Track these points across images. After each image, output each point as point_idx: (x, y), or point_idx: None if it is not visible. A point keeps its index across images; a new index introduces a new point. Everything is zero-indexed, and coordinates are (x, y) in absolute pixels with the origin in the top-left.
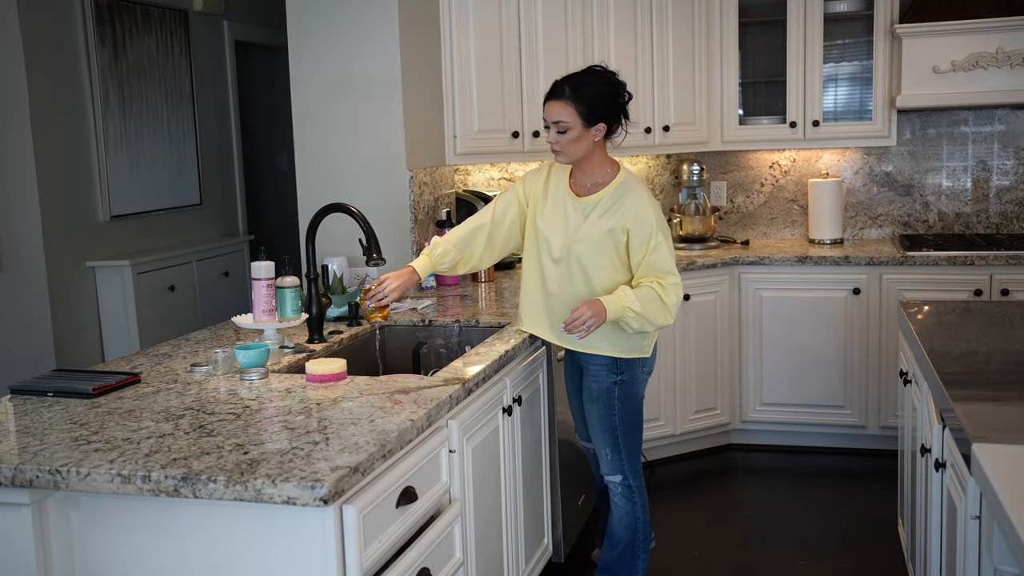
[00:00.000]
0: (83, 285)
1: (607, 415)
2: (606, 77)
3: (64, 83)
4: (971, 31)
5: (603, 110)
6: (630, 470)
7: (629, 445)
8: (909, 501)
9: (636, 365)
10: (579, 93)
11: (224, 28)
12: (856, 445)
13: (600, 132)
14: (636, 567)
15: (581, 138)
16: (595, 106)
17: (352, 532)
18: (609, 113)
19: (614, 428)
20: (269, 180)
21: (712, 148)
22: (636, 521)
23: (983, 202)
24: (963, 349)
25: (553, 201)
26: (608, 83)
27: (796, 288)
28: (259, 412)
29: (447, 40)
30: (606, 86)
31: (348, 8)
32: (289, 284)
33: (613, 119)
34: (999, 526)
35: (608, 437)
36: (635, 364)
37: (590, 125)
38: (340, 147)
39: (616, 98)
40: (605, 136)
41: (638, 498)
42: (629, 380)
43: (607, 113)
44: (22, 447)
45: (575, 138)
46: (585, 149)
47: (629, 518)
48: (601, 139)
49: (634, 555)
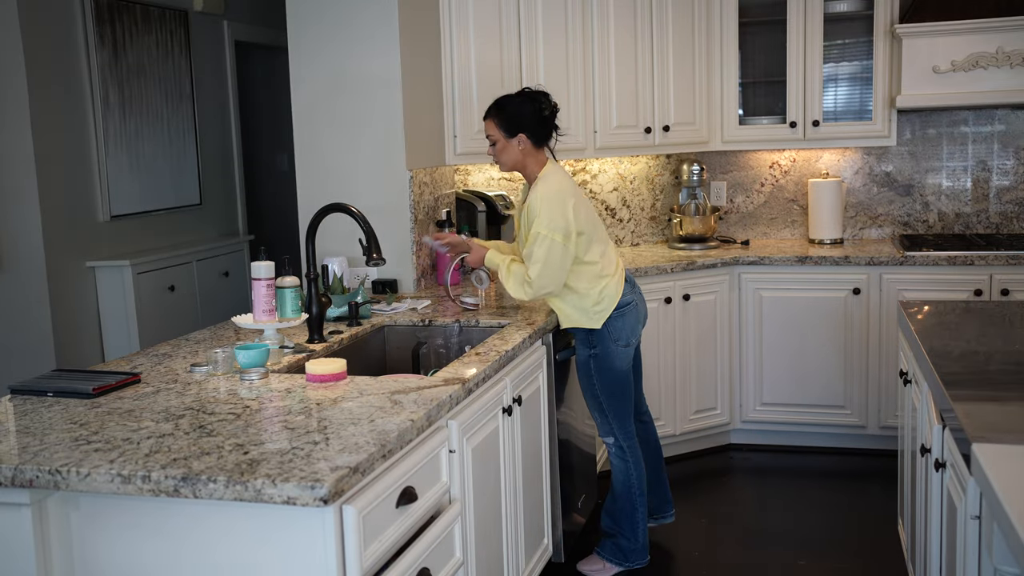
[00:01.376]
0: (83, 285)
1: (589, 384)
2: (527, 94)
3: (64, 83)
4: (971, 31)
5: (521, 123)
6: (620, 432)
7: (615, 410)
8: (909, 501)
9: (607, 339)
10: (501, 110)
11: (224, 28)
12: (856, 445)
13: (523, 141)
14: (636, 518)
15: (506, 148)
16: (513, 120)
17: (352, 532)
18: (529, 125)
19: (597, 396)
20: (269, 180)
21: (712, 148)
22: (630, 477)
23: (983, 202)
24: (963, 349)
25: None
26: (529, 99)
27: (796, 288)
28: (259, 412)
29: (447, 40)
30: (526, 101)
31: (348, 8)
32: (289, 284)
33: (536, 130)
34: (999, 526)
35: (594, 403)
36: (605, 338)
37: (511, 136)
38: (340, 147)
39: (538, 112)
40: (536, 145)
41: (630, 457)
42: (602, 353)
43: (527, 125)
44: (22, 447)
45: (501, 148)
46: (514, 157)
47: (623, 475)
48: (529, 147)
49: (632, 507)
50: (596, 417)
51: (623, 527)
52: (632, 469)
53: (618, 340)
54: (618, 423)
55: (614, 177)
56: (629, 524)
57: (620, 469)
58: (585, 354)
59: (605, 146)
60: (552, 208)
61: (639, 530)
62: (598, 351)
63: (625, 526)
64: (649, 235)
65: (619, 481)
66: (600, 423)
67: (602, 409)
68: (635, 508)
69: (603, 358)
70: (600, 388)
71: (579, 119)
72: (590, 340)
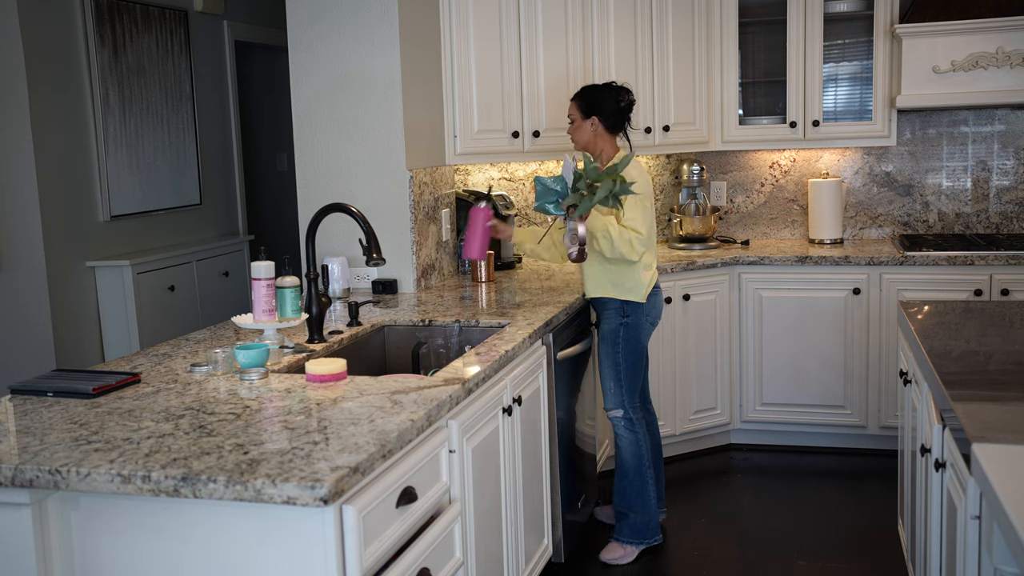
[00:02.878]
0: (83, 285)
1: (612, 352)
2: (610, 86)
3: (64, 83)
4: (971, 31)
5: (598, 107)
6: (629, 404)
7: (629, 382)
8: (909, 501)
9: (640, 311)
10: (583, 94)
11: (224, 28)
12: (856, 445)
13: (594, 123)
14: (647, 492)
15: (580, 127)
16: (591, 103)
17: (352, 532)
18: (604, 111)
19: (618, 364)
20: (269, 180)
21: (712, 148)
22: (640, 448)
23: (983, 202)
24: (963, 349)
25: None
26: (610, 90)
27: (796, 288)
28: (259, 412)
29: (447, 40)
30: (607, 91)
31: (348, 8)
32: (289, 284)
33: (610, 116)
34: (999, 526)
35: (612, 372)
36: (639, 310)
37: (586, 117)
38: (340, 147)
39: (616, 102)
40: (608, 130)
41: (639, 428)
42: (633, 323)
43: (602, 111)
44: (22, 447)
45: (576, 127)
46: (587, 136)
47: (633, 447)
48: (601, 130)
49: (643, 480)
50: (610, 387)
51: (634, 503)
52: (641, 440)
53: (648, 315)
54: (630, 395)
55: None
56: (640, 499)
57: (630, 441)
58: (616, 322)
59: None
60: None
61: (650, 504)
62: (630, 321)
63: (636, 502)
64: None
65: (629, 453)
66: (613, 393)
67: (619, 379)
68: (645, 481)
69: (633, 328)
70: (623, 356)
71: None
72: (624, 310)
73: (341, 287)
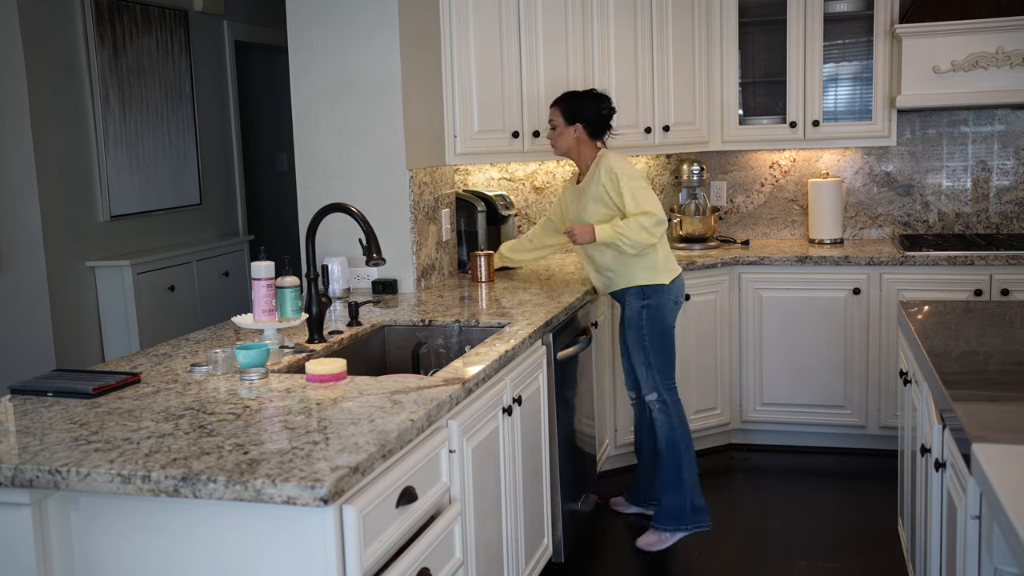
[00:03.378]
0: (83, 285)
1: (638, 336)
2: (593, 93)
3: (64, 83)
4: (971, 31)
5: (582, 114)
6: (663, 386)
7: (660, 363)
8: (909, 501)
9: (661, 292)
10: (566, 100)
11: (224, 28)
12: (856, 445)
13: (578, 130)
14: (682, 476)
15: (563, 134)
16: (575, 109)
17: (352, 532)
18: (588, 118)
19: (645, 347)
20: (269, 180)
21: (712, 148)
22: (674, 431)
23: (983, 202)
24: (963, 349)
25: (568, 197)
26: (593, 97)
27: (796, 288)
28: (259, 412)
29: (447, 40)
30: (590, 98)
31: (348, 8)
32: (289, 284)
33: (593, 123)
34: (999, 526)
35: (641, 355)
36: (660, 291)
37: (570, 123)
38: (340, 147)
39: (598, 109)
40: (590, 136)
41: (673, 412)
42: (655, 304)
43: (586, 117)
44: (22, 447)
45: (559, 134)
46: (568, 142)
47: (668, 430)
48: (584, 136)
49: (678, 465)
50: (641, 371)
51: (667, 486)
52: (676, 424)
53: (671, 295)
54: (662, 378)
55: None
56: (675, 482)
57: (664, 424)
58: (638, 305)
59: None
60: (626, 167)
61: (686, 487)
62: (652, 302)
63: (670, 485)
64: None
65: (664, 438)
66: (645, 378)
67: (649, 363)
68: (681, 466)
69: (656, 308)
70: (650, 339)
71: None
72: (643, 292)
73: (341, 287)
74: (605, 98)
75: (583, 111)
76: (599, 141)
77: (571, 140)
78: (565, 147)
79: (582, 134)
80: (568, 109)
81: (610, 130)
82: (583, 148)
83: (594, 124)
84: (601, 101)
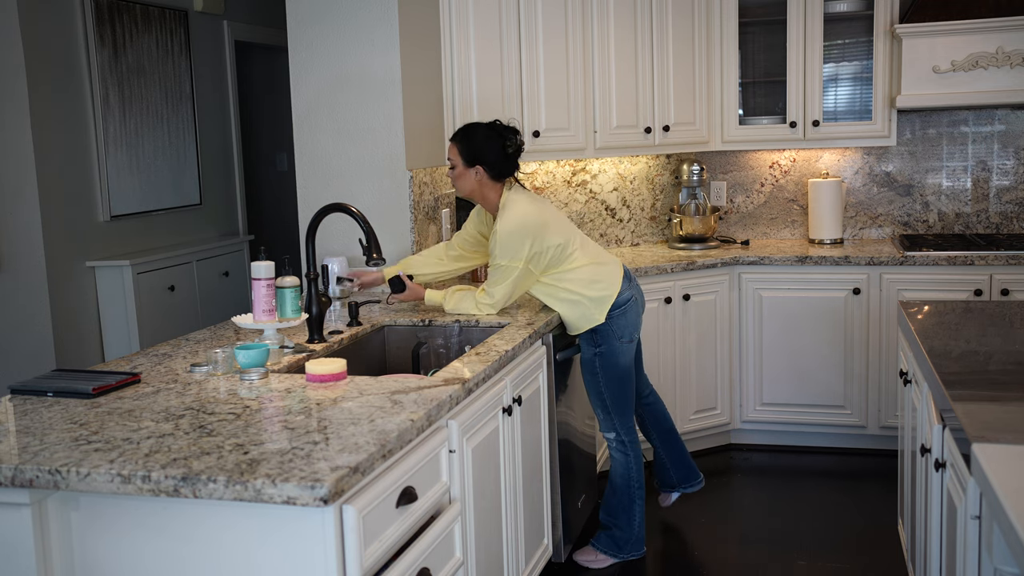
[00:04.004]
0: (83, 285)
1: (594, 382)
2: (496, 129)
3: (64, 83)
4: (971, 31)
5: (483, 156)
6: (621, 427)
7: (618, 406)
8: (909, 501)
9: (611, 337)
10: (466, 139)
11: (224, 28)
12: (856, 445)
13: (480, 173)
14: (633, 511)
15: (463, 176)
16: (474, 151)
17: (352, 532)
18: (490, 160)
19: (601, 393)
20: (269, 180)
21: (712, 148)
22: (630, 471)
23: (983, 202)
24: (963, 349)
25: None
26: (497, 134)
27: (796, 288)
28: (259, 412)
29: (447, 40)
30: (493, 136)
31: (348, 8)
32: (289, 284)
33: (496, 164)
34: (999, 526)
35: (598, 400)
36: (610, 335)
37: (469, 165)
38: (340, 147)
39: (502, 148)
40: (493, 179)
41: (631, 451)
42: (607, 351)
43: (488, 159)
44: (22, 447)
45: (458, 174)
46: (470, 185)
47: (624, 468)
48: (485, 179)
49: (630, 500)
50: (599, 414)
51: (619, 520)
52: (632, 463)
53: (622, 337)
54: (620, 418)
55: (614, 177)
56: (626, 516)
57: (621, 463)
58: (590, 352)
59: (605, 146)
60: (510, 243)
61: (635, 522)
62: (603, 349)
63: (621, 519)
64: (649, 235)
65: (619, 475)
66: (603, 419)
67: (605, 406)
68: (632, 501)
69: (608, 355)
70: (605, 385)
71: (579, 119)
72: (594, 339)
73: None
74: (511, 131)
75: (483, 152)
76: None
77: (472, 183)
78: (467, 190)
79: (483, 177)
80: (467, 149)
81: (518, 168)
82: (487, 191)
83: (496, 166)
84: (504, 137)
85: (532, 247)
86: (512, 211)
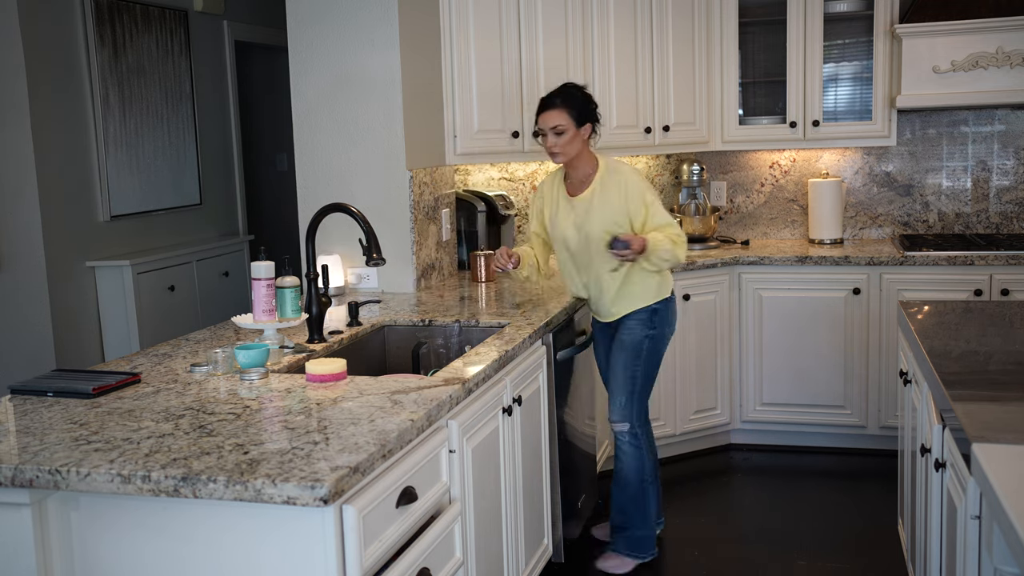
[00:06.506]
0: (83, 285)
1: (633, 363)
2: (582, 88)
3: (64, 83)
4: (971, 31)
5: (587, 113)
6: (638, 419)
7: (643, 395)
8: (909, 501)
9: (666, 323)
10: (568, 101)
11: (224, 28)
12: (856, 445)
13: (587, 131)
14: (648, 507)
15: (575, 138)
16: (581, 110)
17: (352, 532)
18: (590, 116)
19: (635, 376)
20: (269, 180)
21: (712, 148)
22: (643, 464)
23: (983, 202)
24: (963, 349)
25: (556, 207)
26: (584, 93)
27: (796, 288)
28: (259, 412)
29: (447, 40)
30: (584, 95)
31: (348, 8)
32: (289, 284)
33: (594, 121)
34: (999, 526)
35: (628, 384)
36: (665, 321)
37: (579, 126)
38: (340, 147)
39: (591, 105)
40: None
41: (644, 444)
42: (659, 336)
43: (589, 116)
44: (22, 447)
45: (570, 139)
46: (578, 147)
47: (636, 461)
48: (587, 138)
49: (644, 495)
50: (620, 400)
51: (634, 518)
52: (645, 455)
53: (671, 325)
54: (640, 408)
55: None
56: (641, 514)
57: (634, 457)
58: (642, 333)
59: (605, 146)
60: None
61: (649, 520)
62: (657, 333)
63: (636, 517)
64: None
65: (632, 469)
66: (622, 407)
67: (633, 390)
68: (646, 496)
69: (658, 339)
70: (643, 370)
71: None
72: (652, 321)
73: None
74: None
75: (592, 110)
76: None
77: (580, 145)
78: (575, 152)
79: (587, 136)
80: (577, 110)
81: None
82: (585, 152)
83: (595, 122)
84: (589, 95)
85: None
86: (623, 166)
